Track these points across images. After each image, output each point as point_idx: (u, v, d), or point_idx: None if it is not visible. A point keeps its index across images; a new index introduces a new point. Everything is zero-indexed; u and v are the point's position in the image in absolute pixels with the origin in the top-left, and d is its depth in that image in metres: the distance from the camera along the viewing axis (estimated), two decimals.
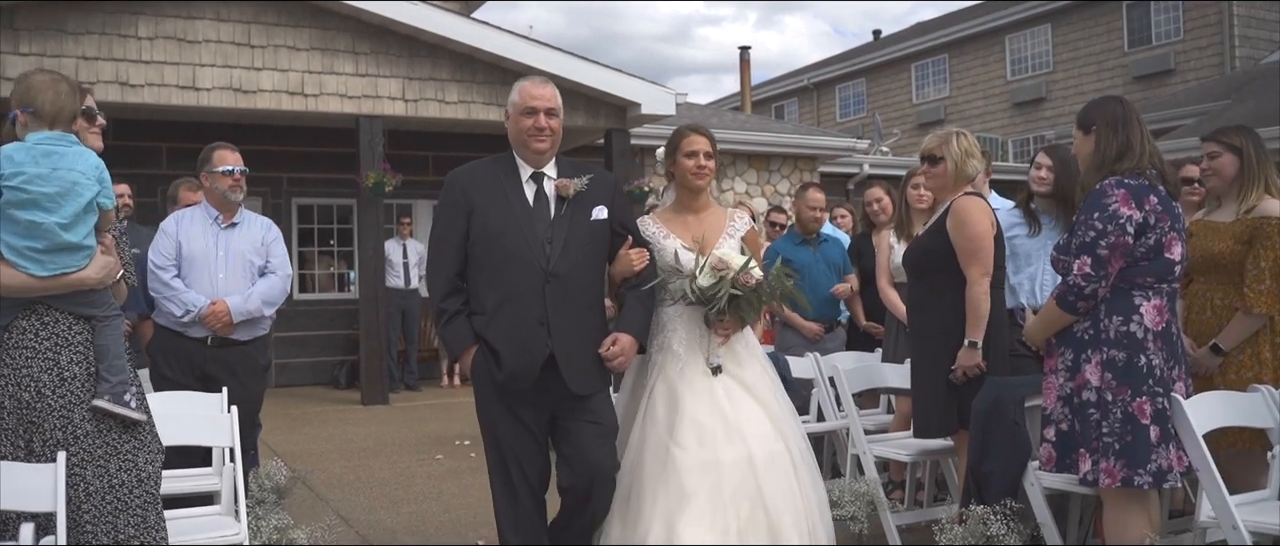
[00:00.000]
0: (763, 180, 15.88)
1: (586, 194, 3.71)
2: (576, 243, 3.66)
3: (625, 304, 3.82)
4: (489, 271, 3.62)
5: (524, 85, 3.72)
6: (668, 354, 3.85)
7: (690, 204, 4.05)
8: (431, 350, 12.85)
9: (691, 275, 3.75)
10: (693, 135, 3.99)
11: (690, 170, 3.96)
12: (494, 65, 11.39)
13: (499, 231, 3.60)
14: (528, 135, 3.66)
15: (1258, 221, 4.06)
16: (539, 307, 3.58)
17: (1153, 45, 22.53)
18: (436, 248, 3.72)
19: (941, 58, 27.83)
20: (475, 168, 3.77)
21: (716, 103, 37.36)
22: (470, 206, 3.63)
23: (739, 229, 4.06)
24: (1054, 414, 3.70)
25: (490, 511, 5.71)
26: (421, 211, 13.46)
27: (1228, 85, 17.79)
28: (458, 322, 3.64)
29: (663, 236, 3.97)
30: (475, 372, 3.67)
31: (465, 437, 8.37)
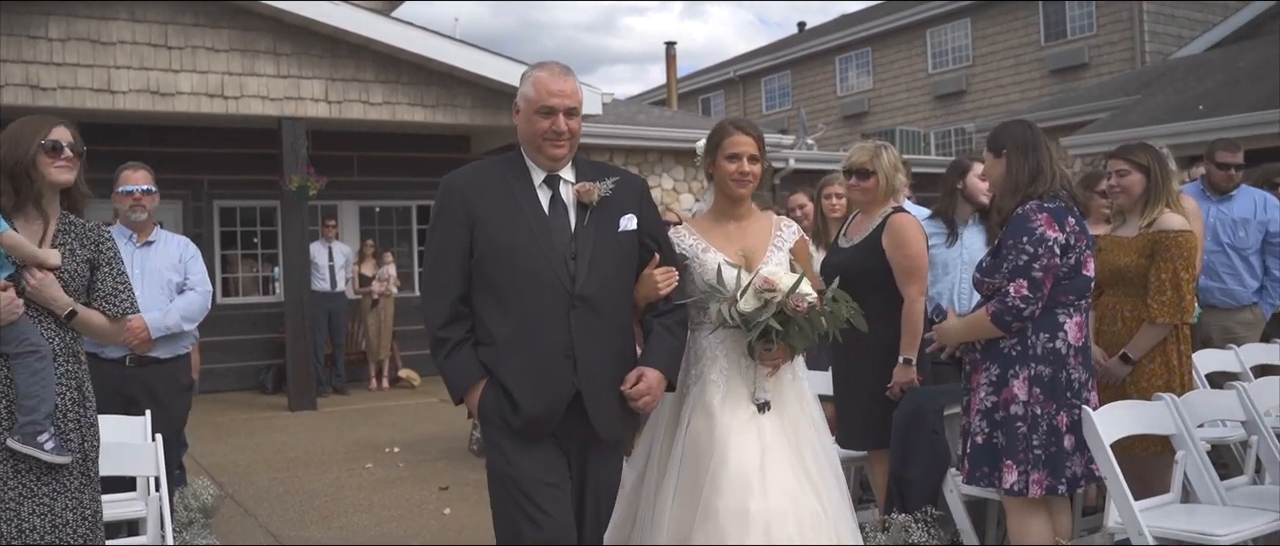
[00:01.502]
0: (690, 176, 15.96)
1: (612, 200, 3.12)
2: (604, 258, 3.08)
3: (651, 333, 3.22)
4: (500, 294, 3.01)
5: (539, 77, 3.08)
6: (706, 387, 3.36)
7: (731, 211, 3.53)
8: (359, 353, 12.73)
9: (732, 298, 3.24)
10: (737, 133, 3.46)
11: (731, 176, 3.44)
12: (419, 66, 11.31)
13: (511, 246, 3.00)
14: (544, 139, 3.06)
15: (1158, 235, 4.24)
16: (563, 336, 2.99)
17: (1068, 39, 23.07)
18: (433, 266, 3.09)
19: (865, 51, 28.19)
20: (477, 170, 3.19)
21: (643, 95, 37.45)
22: (473, 217, 3.03)
23: (787, 240, 3.56)
24: (972, 426, 3.80)
25: (422, 524, 5.75)
26: (347, 213, 13.32)
27: (1138, 80, 18.31)
28: (461, 355, 3.02)
29: (702, 249, 3.45)
30: (484, 413, 3.06)
31: (395, 444, 8.34)
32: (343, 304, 12.18)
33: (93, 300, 3.08)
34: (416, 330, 13.34)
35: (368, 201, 13.54)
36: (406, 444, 8.40)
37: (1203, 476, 3.92)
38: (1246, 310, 5.83)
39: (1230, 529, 3.53)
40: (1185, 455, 3.89)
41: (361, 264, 12.52)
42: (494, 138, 13.14)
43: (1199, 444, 3.94)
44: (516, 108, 3.16)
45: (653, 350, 3.19)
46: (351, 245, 12.78)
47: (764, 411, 3.31)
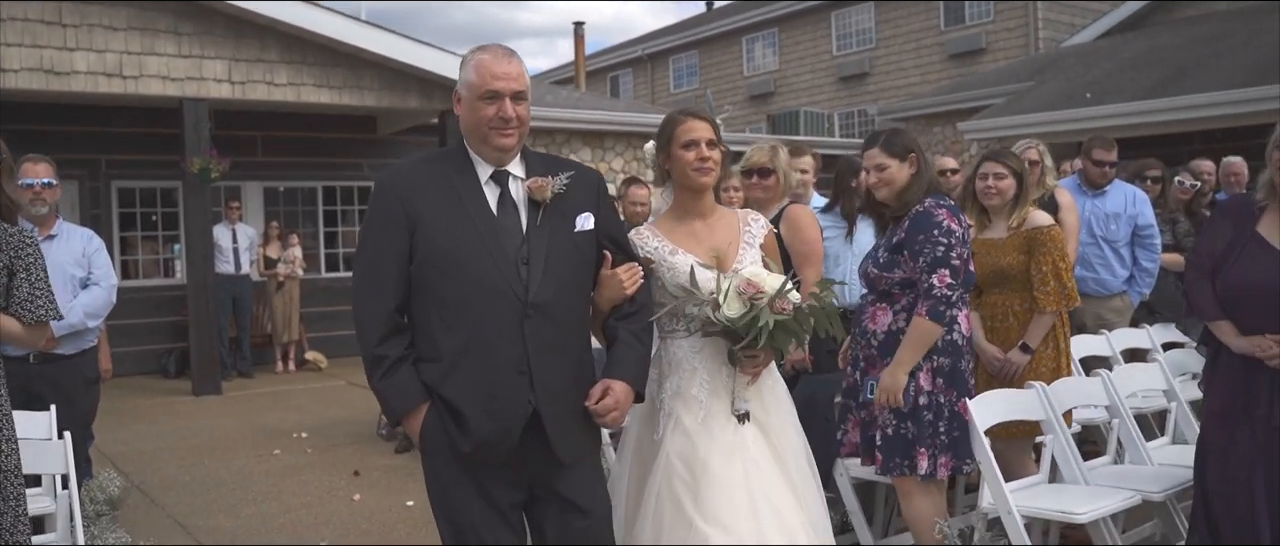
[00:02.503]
0: (597, 158, 16.10)
1: (566, 196, 2.84)
2: (559, 262, 2.79)
3: (617, 341, 2.93)
4: (444, 304, 2.71)
5: (480, 59, 2.78)
6: (684, 400, 3.11)
7: (694, 207, 3.26)
8: (264, 336, 12.62)
9: (713, 302, 2.99)
10: (689, 119, 3.22)
11: (690, 164, 3.17)
12: (325, 47, 11.21)
13: (455, 250, 2.71)
14: (490, 128, 2.75)
15: (1032, 232, 4.55)
16: (516, 351, 2.70)
17: (966, 25, 23.73)
18: (366, 274, 2.77)
19: (772, 31, 28.56)
20: (415, 166, 2.90)
21: (552, 71, 37.37)
22: (413, 218, 2.72)
23: (756, 235, 3.34)
24: (881, 419, 3.97)
25: (332, 510, 5.83)
26: (251, 194, 13.16)
27: (1031, 67, 18.96)
28: (400, 375, 2.71)
29: (670, 252, 3.18)
30: (427, 441, 2.74)
31: (303, 430, 8.36)
32: (248, 286, 12.06)
33: (9, 306, 3.11)
34: (323, 312, 13.30)
35: (272, 182, 13.39)
36: (314, 428, 8.42)
37: (1068, 458, 4.23)
38: (1117, 298, 6.21)
39: (1089, 506, 3.84)
40: (1052, 439, 4.20)
41: (266, 246, 12.40)
42: (400, 119, 13.10)
43: (1063, 428, 4.25)
44: (458, 96, 2.84)
45: (619, 359, 2.89)
46: (256, 227, 12.64)
47: (744, 422, 3.09)
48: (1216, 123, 13.09)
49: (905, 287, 3.90)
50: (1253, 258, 3.57)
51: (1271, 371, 3.52)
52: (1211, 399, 3.76)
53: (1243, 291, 3.59)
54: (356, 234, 13.84)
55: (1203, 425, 3.81)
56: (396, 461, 7.12)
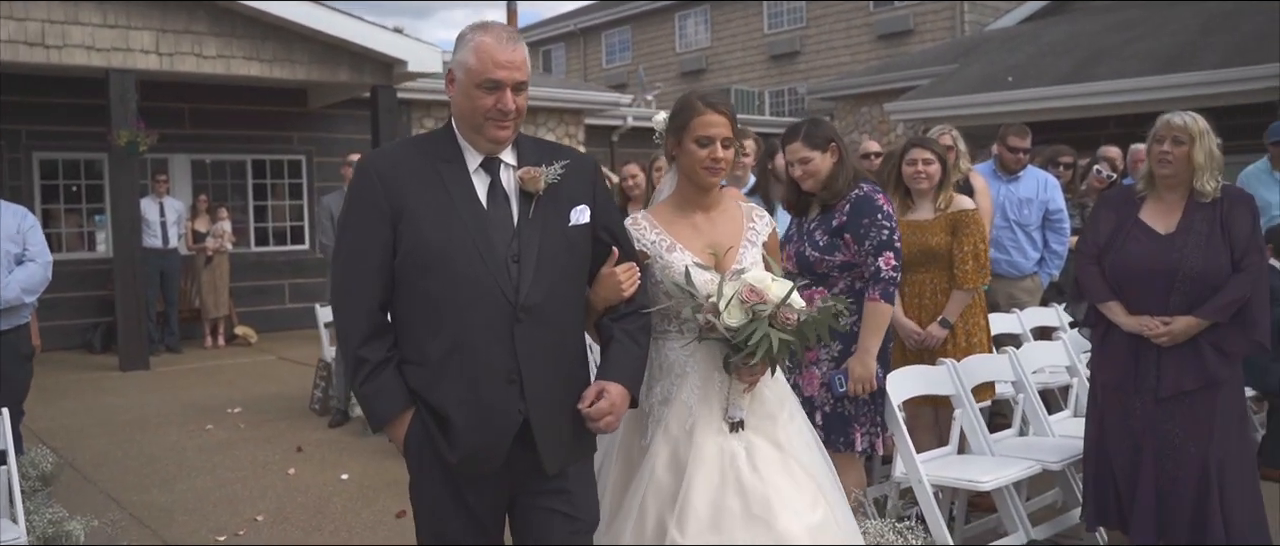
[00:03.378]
0: (529, 133, 16.12)
1: (560, 187, 2.63)
2: (553, 259, 2.59)
3: (612, 341, 2.75)
4: (430, 305, 2.52)
5: (481, 42, 2.51)
6: (674, 407, 2.93)
7: (698, 199, 3.05)
8: (193, 311, 12.52)
9: (713, 308, 2.77)
10: (708, 112, 2.95)
11: (702, 163, 2.96)
12: (254, 19, 11.11)
13: (443, 246, 2.50)
14: (486, 119, 2.53)
15: (958, 215, 4.82)
16: (506, 357, 2.51)
17: (895, 6, 24.13)
18: (346, 269, 2.57)
19: (704, 9, 28.72)
20: (399, 151, 2.66)
21: None
22: (397, 208, 2.52)
23: (760, 232, 3.11)
24: (816, 399, 4.11)
25: (266, 484, 5.90)
26: (178, 167, 13.01)
27: (957, 49, 19.39)
28: (383, 378, 2.54)
29: (666, 246, 2.98)
30: (411, 449, 2.59)
31: (234, 404, 8.38)
32: (176, 261, 11.95)
33: None
34: (254, 286, 13.25)
35: (200, 155, 13.25)
36: (247, 403, 8.44)
37: (975, 430, 4.49)
38: (1028, 279, 6.52)
39: (993, 475, 4.11)
40: (961, 413, 4.46)
41: (195, 220, 12.28)
42: (332, 93, 13.03)
43: (972, 403, 4.51)
44: (450, 76, 2.59)
45: (614, 361, 2.71)
46: (184, 200, 12.51)
47: (737, 431, 2.90)
48: (1129, 109, 13.57)
49: (844, 270, 4.06)
50: (1136, 242, 3.87)
51: (1157, 348, 3.82)
52: (1102, 374, 4.04)
53: (1128, 274, 3.88)
54: (287, 208, 13.78)
55: (1093, 398, 4.09)
56: (331, 435, 7.20)
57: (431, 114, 15.07)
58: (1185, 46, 14.39)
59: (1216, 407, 3.80)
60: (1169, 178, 3.86)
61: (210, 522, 5.27)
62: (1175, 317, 3.78)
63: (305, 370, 9.90)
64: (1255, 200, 4.02)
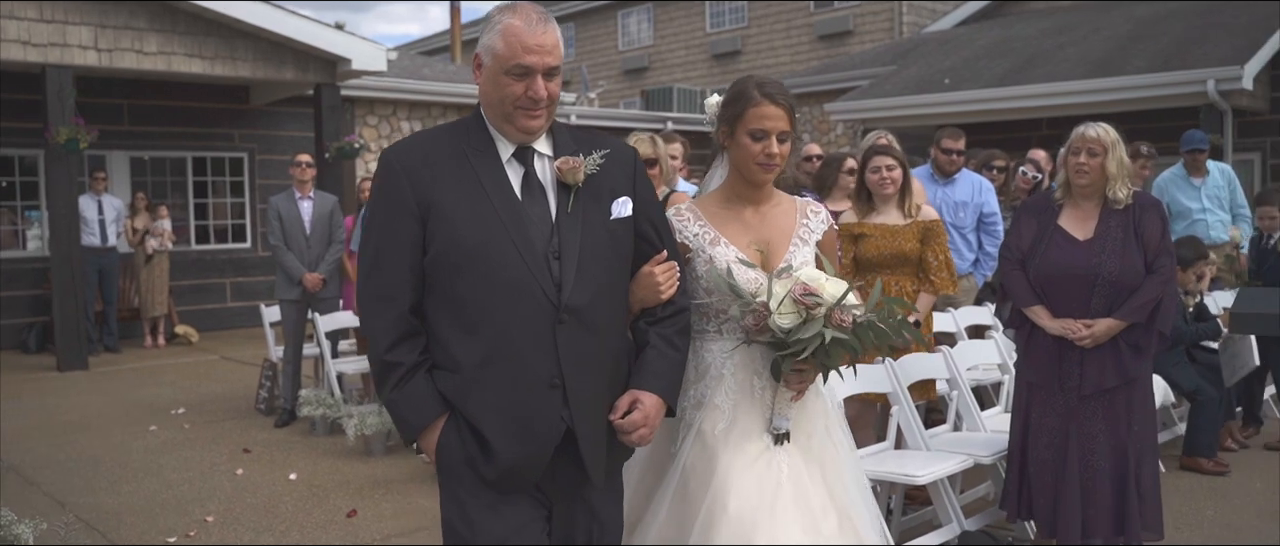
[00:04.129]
0: None
1: (600, 177, 2.45)
2: (596, 256, 2.41)
3: (648, 346, 2.54)
4: (464, 307, 2.34)
5: (510, 25, 2.34)
6: (708, 411, 2.69)
7: (749, 194, 2.82)
8: (132, 310, 12.38)
9: (761, 307, 2.56)
10: (766, 103, 2.70)
11: (755, 157, 2.72)
12: (197, 16, 11.02)
13: (478, 243, 2.33)
14: (516, 108, 2.36)
15: (927, 224, 5.07)
16: (548, 362, 2.34)
17: (835, 7, 24.46)
18: (373, 270, 2.40)
19: (647, 6, 28.86)
20: (426, 141, 2.46)
21: (424, 41, 36.89)
22: (426, 204, 2.35)
23: (814, 230, 2.87)
24: None
25: (215, 485, 5.91)
26: (117, 164, 12.84)
27: (895, 51, 19.74)
28: (415, 385, 2.37)
29: (710, 240, 2.76)
30: (444, 461, 2.40)
31: (178, 405, 8.33)
32: (114, 259, 11.81)
33: None
34: (194, 285, 13.12)
35: (139, 152, 13.08)
36: (191, 404, 8.40)
37: (911, 427, 4.67)
38: (964, 279, 6.73)
39: (928, 469, 4.29)
40: (898, 409, 4.63)
41: (134, 218, 12.14)
42: (275, 90, 12.95)
43: (908, 400, 4.69)
44: (478, 62, 2.42)
45: (650, 368, 2.51)
46: (122, 198, 12.35)
47: (782, 443, 2.65)
48: (1061, 111, 13.95)
49: None
50: (1058, 248, 4.10)
51: (1079, 348, 4.03)
52: (1028, 373, 4.25)
53: (1051, 278, 4.11)
54: (228, 205, 13.66)
55: (1018, 396, 4.31)
56: (278, 435, 7.21)
57: (375, 111, 15.04)
58: (1115, 52, 14.82)
59: (1133, 401, 4.07)
60: (1085, 187, 4.09)
61: (159, 524, 5.28)
62: (1097, 320, 4.01)
63: (249, 370, 9.87)
64: (1163, 206, 4.27)
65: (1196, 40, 14.21)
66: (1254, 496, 5.26)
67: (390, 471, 6.20)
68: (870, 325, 2.55)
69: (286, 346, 7.68)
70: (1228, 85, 12.73)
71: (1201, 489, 5.40)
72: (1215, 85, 12.77)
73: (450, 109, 15.82)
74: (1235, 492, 5.33)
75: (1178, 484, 5.45)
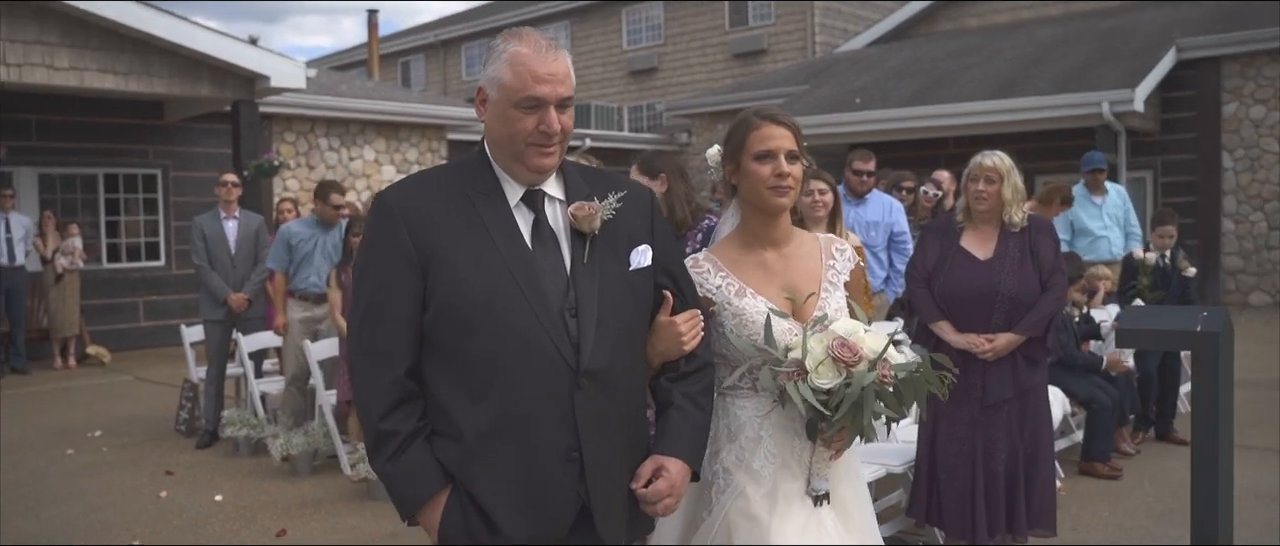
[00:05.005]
0: (392, 149, 16.16)
1: (616, 223, 2.25)
2: (615, 311, 2.20)
3: (670, 408, 2.31)
4: (467, 369, 2.13)
5: (518, 54, 2.13)
6: (748, 476, 2.47)
7: (767, 233, 2.61)
8: (40, 330, 12.10)
9: (799, 367, 2.32)
10: (766, 124, 2.55)
11: (765, 181, 2.53)
12: (111, 31, 10.87)
13: (485, 298, 2.11)
14: (528, 144, 2.16)
15: (858, 247, 5.28)
16: (564, 430, 2.12)
17: (749, 26, 24.95)
18: (365, 328, 2.17)
19: (564, 24, 29.04)
20: (425, 183, 2.25)
21: (338, 55, 36.58)
22: (427, 252, 2.14)
23: (841, 270, 2.66)
24: None
25: (139, 508, 5.87)
26: (25, 181, 12.56)
27: (808, 70, 20.23)
28: (412, 455, 2.13)
29: (735, 291, 2.53)
30: (446, 538, 2.16)
31: (94, 428, 8.22)
32: (22, 278, 11.53)
33: None
34: (106, 304, 12.88)
35: (48, 169, 12.81)
36: (107, 426, 8.28)
37: None
38: (876, 297, 7.02)
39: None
40: None
41: (43, 236, 11.89)
42: (190, 106, 12.81)
43: None
44: (482, 97, 2.22)
45: (674, 432, 2.28)
46: (30, 215, 12.09)
47: (820, 504, 2.48)
48: (967, 130, 14.50)
49: None
50: (960, 267, 4.41)
51: (982, 361, 4.33)
52: None
53: (955, 296, 4.42)
54: (141, 223, 13.45)
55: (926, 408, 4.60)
56: (200, 457, 7.17)
57: (292, 128, 14.95)
58: (1017, 74, 15.43)
59: (1028, 409, 4.40)
60: (984, 212, 4.39)
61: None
62: (999, 335, 4.30)
63: (166, 390, 9.75)
64: (1054, 228, 4.61)
65: (1093, 64, 14.87)
66: (1145, 498, 5.61)
67: (317, 491, 6.23)
68: (911, 379, 2.37)
69: (209, 366, 7.64)
70: (1121, 107, 13.37)
71: (1097, 491, 5.73)
72: (1110, 107, 13.40)
73: (369, 127, 15.80)
74: (1128, 495, 5.67)
75: (1076, 488, 5.78)
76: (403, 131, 16.26)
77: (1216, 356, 2.98)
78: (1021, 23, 18.81)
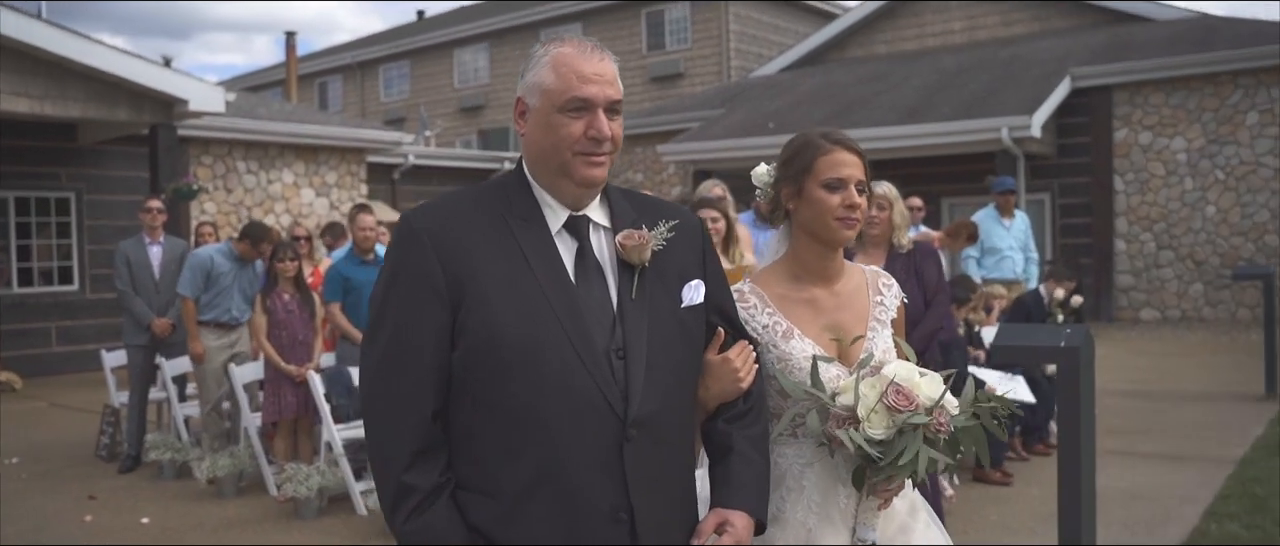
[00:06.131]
0: (310, 172, 16.17)
1: (666, 254, 2.04)
2: (665, 352, 1.99)
3: (730, 454, 2.08)
4: (505, 417, 1.90)
5: (562, 56, 1.96)
6: (787, 527, 2.27)
7: (820, 267, 2.41)
8: None
9: (846, 415, 2.16)
10: (838, 150, 2.35)
11: (833, 212, 2.33)
12: (24, 53, 10.75)
13: (524, 337, 1.90)
14: (576, 153, 1.96)
15: (750, 268, 5.57)
16: (612, 489, 1.90)
17: (667, 50, 25.43)
18: (384, 365, 1.95)
19: (483, 45, 29.24)
20: (456, 207, 2.01)
21: (252, 74, 36.22)
22: (459, 285, 1.91)
23: (890, 307, 2.48)
24: None
25: (63, 533, 5.90)
26: None
27: (724, 94, 20.72)
28: (437, 514, 1.90)
29: (781, 332, 2.33)
30: None
31: (10, 455, 8.16)
32: None
33: None
34: (16, 330, 12.68)
35: None
36: (24, 453, 8.23)
37: None
38: None
39: None
40: None
41: None
42: (106, 129, 12.71)
43: None
44: (521, 108, 2.03)
45: (736, 481, 2.05)
46: None
47: None
48: (877, 155, 15.00)
49: None
50: None
51: None
52: None
53: None
54: (54, 247, 13.28)
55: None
56: (124, 481, 7.20)
57: (210, 151, 14.90)
58: (923, 100, 16.07)
59: None
60: (876, 236, 4.75)
61: None
62: None
63: (83, 416, 9.69)
64: (938, 253, 5.03)
65: (994, 91, 15.57)
66: (1031, 501, 6.02)
67: (244, 512, 6.33)
68: (969, 428, 2.19)
69: (132, 391, 7.67)
70: (1019, 132, 14.05)
71: (988, 497, 6.12)
72: (1009, 132, 14.07)
73: (288, 150, 15.80)
74: (1016, 499, 6.08)
75: (969, 493, 6.16)
76: (322, 155, 16.28)
77: (1078, 369, 3.34)
78: (927, 51, 19.54)
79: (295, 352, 6.70)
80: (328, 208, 16.16)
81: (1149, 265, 15.59)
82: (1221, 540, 5.01)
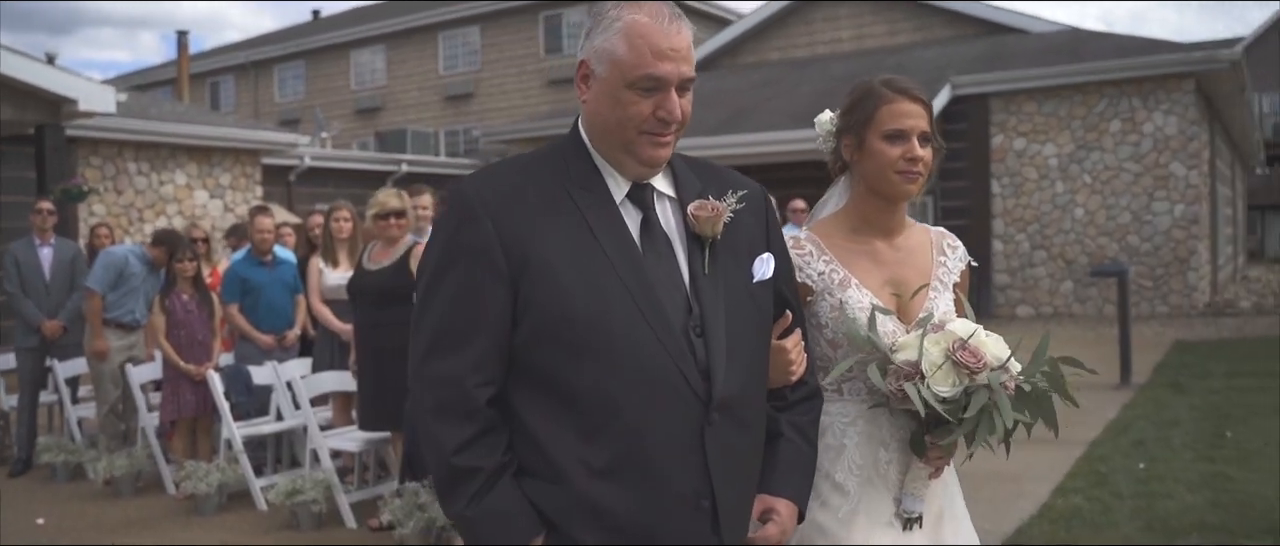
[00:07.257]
0: (204, 173, 15.98)
1: (735, 226, 1.90)
2: (743, 329, 1.87)
3: (779, 438, 2.00)
4: (576, 400, 1.77)
5: (635, 24, 1.78)
6: (825, 489, 2.17)
7: (881, 220, 2.31)
8: None
9: (909, 369, 2.07)
10: (901, 99, 2.21)
11: (893, 164, 2.21)
12: None
13: (594, 315, 1.76)
14: (642, 132, 1.81)
15: None
16: (694, 475, 1.78)
17: (565, 54, 25.65)
18: (437, 345, 1.81)
19: (380, 47, 29.08)
20: (514, 172, 1.88)
21: (139, 73, 35.33)
22: (520, 259, 1.77)
23: (953, 268, 2.37)
24: None
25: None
26: None
27: None
28: (500, 496, 1.77)
29: (838, 280, 2.23)
30: None
31: None
32: None
33: None
34: None
35: None
36: None
37: None
38: None
39: None
40: None
41: None
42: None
43: None
44: (584, 71, 1.86)
45: (783, 468, 1.97)
46: None
47: (910, 529, 2.19)
48: (769, 158, 15.51)
49: None
50: None
51: None
52: None
53: None
54: None
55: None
56: (15, 484, 7.12)
57: (98, 152, 14.64)
58: (813, 105, 16.43)
59: None
60: None
61: None
62: None
63: None
64: None
65: None
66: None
67: (143, 511, 6.37)
68: (1036, 392, 2.12)
69: (21, 394, 7.61)
70: None
71: None
72: None
73: (180, 151, 15.61)
74: None
75: None
76: (216, 156, 16.10)
77: None
78: (817, 58, 20.17)
79: (194, 352, 6.77)
80: (222, 210, 15.99)
81: (1023, 264, 16.41)
82: (1065, 512, 5.48)
